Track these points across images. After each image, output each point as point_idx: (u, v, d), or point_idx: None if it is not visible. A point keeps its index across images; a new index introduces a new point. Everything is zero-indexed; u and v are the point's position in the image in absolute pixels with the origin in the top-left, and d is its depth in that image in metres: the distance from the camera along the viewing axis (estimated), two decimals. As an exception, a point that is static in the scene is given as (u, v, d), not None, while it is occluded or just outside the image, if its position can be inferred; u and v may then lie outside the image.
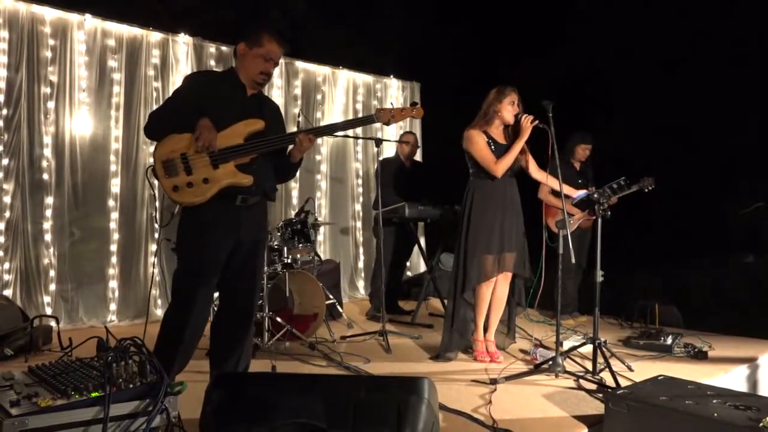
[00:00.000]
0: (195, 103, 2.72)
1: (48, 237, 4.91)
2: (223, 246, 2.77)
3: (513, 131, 3.92)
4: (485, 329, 4.07)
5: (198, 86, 2.84)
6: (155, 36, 5.44)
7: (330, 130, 3.26)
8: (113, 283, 5.18)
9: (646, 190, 4.65)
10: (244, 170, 2.74)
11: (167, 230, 3.52)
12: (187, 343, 2.75)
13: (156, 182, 2.75)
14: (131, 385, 2.01)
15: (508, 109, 3.85)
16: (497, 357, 3.99)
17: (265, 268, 4.24)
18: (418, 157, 7.00)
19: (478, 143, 3.87)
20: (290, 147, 2.93)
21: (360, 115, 6.94)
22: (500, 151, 3.87)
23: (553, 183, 4.01)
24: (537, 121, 3.75)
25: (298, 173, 6.31)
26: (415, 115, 3.05)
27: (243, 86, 2.87)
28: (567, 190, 3.85)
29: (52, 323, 4.28)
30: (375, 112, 3.01)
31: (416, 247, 6.05)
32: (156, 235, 5.26)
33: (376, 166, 5.73)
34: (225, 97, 2.81)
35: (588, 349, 3.76)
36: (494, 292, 3.99)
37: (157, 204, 2.84)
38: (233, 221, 2.77)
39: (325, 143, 6.70)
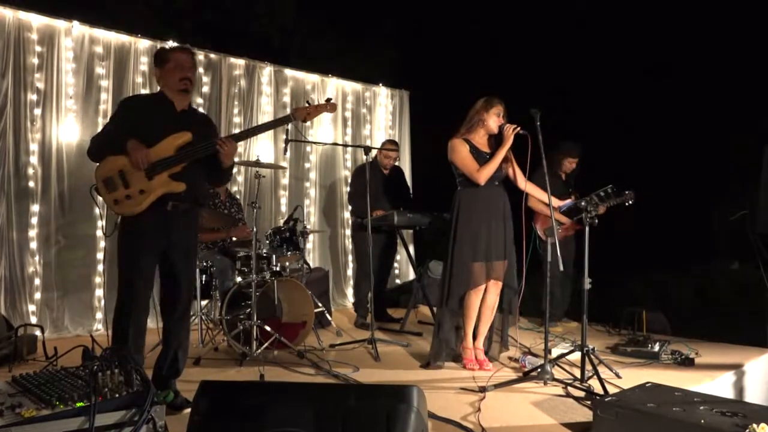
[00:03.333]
0: (128, 126, 3.01)
1: (33, 245, 4.85)
2: (153, 245, 3.04)
3: (496, 141, 3.97)
4: (474, 337, 4.07)
5: (130, 110, 3.13)
6: (143, 43, 5.42)
7: (250, 133, 3.50)
8: (99, 292, 5.12)
9: (627, 204, 4.68)
10: (176, 179, 3.02)
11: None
12: (133, 340, 2.99)
13: (100, 198, 3.06)
14: (117, 395, 1.99)
15: (494, 119, 3.91)
16: (486, 365, 3.99)
17: (254, 275, 4.22)
18: (406, 164, 7.02)
19: (460, 152, 3.92)
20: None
21: (348, 123, 6.95)
22: (482, 158, 3.92)
23: (534, 191, 4.04)
24: (519, 129, 3.81)
25: (288, 180, 6.39)
26: (330, 110, 3.34)
27: (171, 103, 3.12)
28: (553, 200, 3.88)
29: (37, 332, 4.22)
30: (291, 111, 3.30)
31: (405, 255, 6.05)
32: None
33: (354, 172, 5.69)
34: (155, 116, 3.09)
35: (576, 356, 3.77)
36: (484, 300, 3.99)
37: (102, 217, 3.05)
38: (164, 225, 3.04)
39: (314, 151, 6.69)
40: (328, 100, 3.40)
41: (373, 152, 5.34)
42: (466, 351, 4.03)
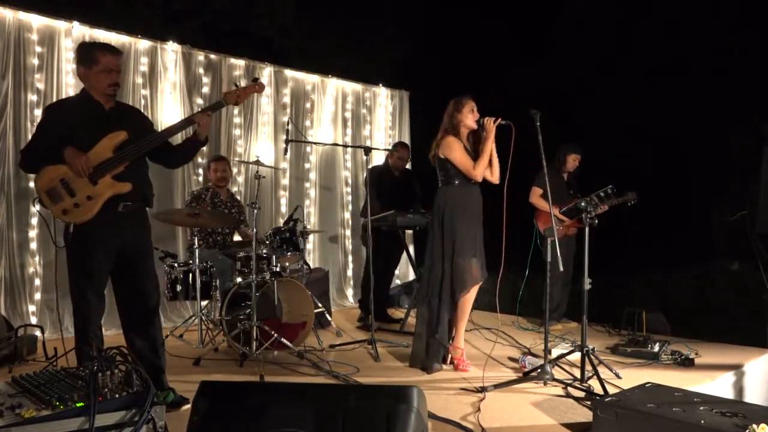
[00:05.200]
0: (58, 133, 2.94)
1: (33, 245, 4.85)
2: (107, 247, 3.03)
3: (476, 136, 4.00)
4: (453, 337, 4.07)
5: (57, 117, 3.04)
6: (143, 44, 5.42)
7: (170, 130, 3.26)
8: (99, 292, 5.11)
9: (630, 204, 4.74)
10: (121, 179, 3.00)
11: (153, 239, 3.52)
12: (91, 335, 3.00)
13: (42, 208, 3.01)
14: (117, 395, 1.99)
15: (469, 116, 3.95)
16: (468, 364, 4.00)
17: (254, 276, 4.22)
18: (407, 165, 7.02)
19: (457, 149, 3.93)
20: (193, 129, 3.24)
21: (348, 123, 6.96)
22: (470, 156, 3.95)
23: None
24: (500, 120, 3.84)
25: (288, 180, 6.40)
26: (258, 90, 3.36)
27: (99, 103, 3.06)
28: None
29: (37, 333, 4.23)
30: (222, 96, 3.31)
31: (405, 255, 6.05)
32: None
33: (365, 174, 5.71)
34: (85, 119, 3.01)
35: (576, 356, 3.77)
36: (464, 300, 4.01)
37: (50, 227, 3.10)
38: (115, 227, 3.03)
39: (314, 152, 6.69)
40: (255, 79, 3.40)
41: (374, 153, 5.34)
42: (457, 351, 4.01)
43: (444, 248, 3.94)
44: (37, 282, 4.86)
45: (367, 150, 4.75)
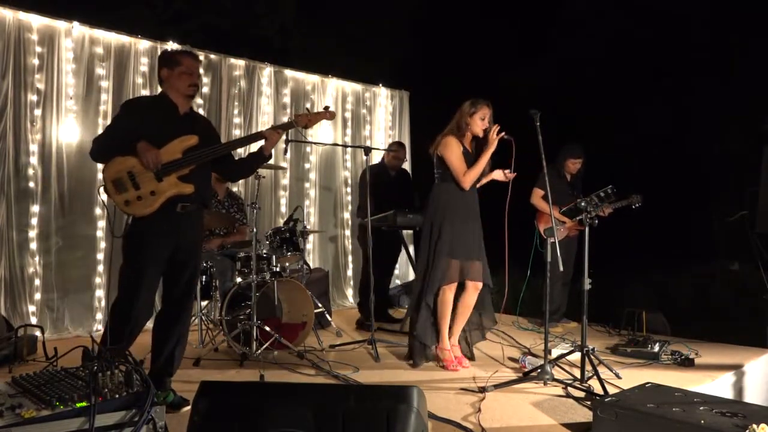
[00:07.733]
0: (133, 129, 3.06)
1: (33, 245, 4.85)
2: (162, 246, 3.11)
3: (478, 145, 4.01)
4: (449, 335, 4.06)
5: (134, 112, 3.17)
6: (143, 44, 5.41)
7: (238, 142, 3.71)
8: (99, 292, 5.12)
9: (634, 207, 4.74)
10: (185, 180, 3.11)
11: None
12: (131, 329, 3.07)
13: (106, 198, 3.11)
14: (117, 395, 1.99)
15: (478, 123, 3.95)
16: (463, 362, 4.02)
17: (254, 276, 4.22)
18: (407, 165, 7.03)
19: (455, 151, 3.95)
20: (261, 143, 3.42)
21: (348, 123, 6.96)
22: (469, 159, 3.97)
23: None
24: (504, 134, 3.85)
25: (289, 181, 6.40)
26: (329, 118, 3.48)
27: (175, 106, 3.19)
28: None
29: (37, 333, 4.22)
30: (294, 118, 3.45)
31: (405, 255, 6.05)
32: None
33: (361, 174, 5.71)
34: (160, 119, 3.15)
35: (576, 356, 3.77)
36: (463, 301, 4.01)
37: (103, 218, 3.10)
38: (173, 226, 3.12)
39: (314, 152, 6.69)
40: (326, 108, 3.50)
41: (374, 153, 5.33)
42: (444, 353, 4.00)
43: (429, 245, 3.98)
44: (37, 282, 4.86)
45: (367, 150, 4.75)
